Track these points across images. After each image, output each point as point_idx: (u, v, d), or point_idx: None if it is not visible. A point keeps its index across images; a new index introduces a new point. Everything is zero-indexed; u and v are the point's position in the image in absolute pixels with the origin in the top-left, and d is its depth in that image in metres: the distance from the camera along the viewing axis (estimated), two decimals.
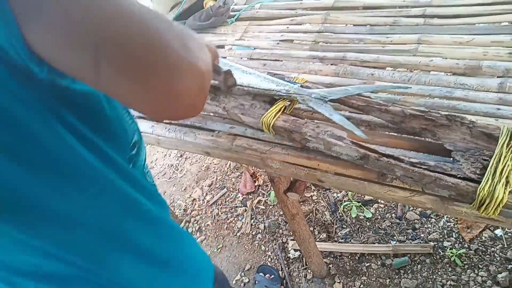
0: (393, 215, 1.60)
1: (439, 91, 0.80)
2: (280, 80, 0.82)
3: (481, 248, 1.38)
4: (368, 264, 1.48)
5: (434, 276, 1.36)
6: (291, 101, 0.81)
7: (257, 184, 2.02)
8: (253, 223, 1.83)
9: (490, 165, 0.58)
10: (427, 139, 0.69)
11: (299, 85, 0.80)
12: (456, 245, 1.42)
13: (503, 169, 0.57)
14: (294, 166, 0.78)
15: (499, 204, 0.55)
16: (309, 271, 1.53)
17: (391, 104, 0.71)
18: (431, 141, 0.69)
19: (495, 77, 0.81)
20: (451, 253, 1.38)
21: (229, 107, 0.84)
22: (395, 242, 1.50)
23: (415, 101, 0.80)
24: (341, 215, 1.69)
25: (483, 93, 0.78)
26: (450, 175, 0.60)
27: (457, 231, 1.46)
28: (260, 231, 1.78)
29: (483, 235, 1.42)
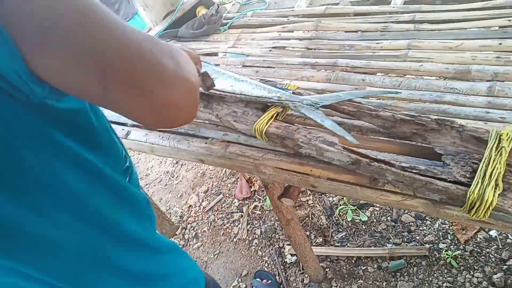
0: (389, 218, 1.61)
1: (429, 96, 0.81)
2: (272, 87, 0.82)
3: (476, 249, 1.39)
4: (364, 267, 1.48)
5: (430, 278, 1.37)
6: (283, 107, 0.82)
7: (253, 189, 2.02)
8: (249, 229, 1.83)
9: (479, 168, 0.59)
10: (418, 143, 0.70)
11: (291, 91, 0.81)
12: (451, 246, 1.43)
13: (492, 172, 0.58)
14: (287, 172, 0.78)
15: (489, 207, 0.56)
16: (306, 275, 1.53)
17: (381, 109, 0.72)
18: (422, 145, 0.69)
19: (484, 81, 0.82)
20: (447, 254, 1.39)
21: (222, 115, 0.85)
22: (391, 245, 1.51)
23: (405, 106, 0.81)
24: (337, 219, 1.69)
25: (473, 97, 0.79)
26: (440, 179, 0.60)
27: (452, 232, 1.47)
28: (256, 236, 1.78)
29: (478, 236, 1.43)
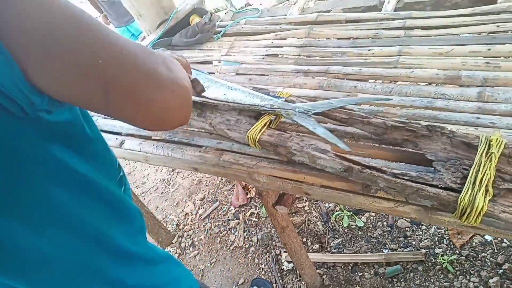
0: (385, 223, 1.61)
1: (420, 102, 0.82)
2: (264, 95, 0.83)
3: (472, 253, 1.39)
4: (361, 273, 1.47)
5: (427, 283, 1.36)
6: (276, 115, 0.82)
7: (249, 196, 2.01)
8: (246, 236, 1.82)
9: (470, 174, 0.59)
10: (410, 149, 0.70)
11: (284, 99, 0.81)
12: (447, 251, 1.43)
13: (483, 178, 0.58)
14: (281, 179, 0.79)
15: (479, 213, 0.56)
16: (303, 282, 1.53)
17: (373, 116, 0.72)
18: (413, 152, 0.70)
19: (474, 87, 0.83)
20: (443, 259, 1.39)
21: (215, 123, 0.85)
22: (387, 250, 1.50)
23: (397, 112, 0.81)
24: (333, 225, 1.69)
25: (463, 102, 0.80)
26: (431, 185, 0.61)
27: (448, 237, 1.47)
28: (253, 243, 1.78)
29: (474, 240, 1.43)
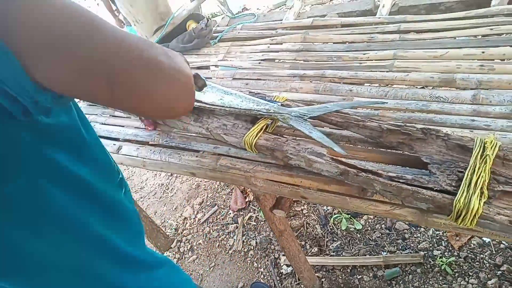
0: (383, 225, 1.61)
1: (415, 105, 0.82)
2: (260, 99, 0.83)
3: (470, 255, 1.39)
4: (360, 276, 1.47)
5: (425, 285, 1.36)
6: (272, 119, 0.82)
7: (248, 200, 2.01)
8: (245, 240, 1.82)
9: (465, 177, 0.59)
10: (405, 152, 0.70)
11: (279, 103, 0.82)
12: (445, 253, 1.43)
13: (478, 180, 0.58)
14: (277, 183, 0.79)
15: (475, 215, 0.56)
16: (302, 286, 1.52)
17: (368, 119, 0.72)
18: (409, 155, 0.70)
19: (469, 89, 0.83)
20: (441, 261, 1.39)
21: (212, 128, 0.85)
22: (385, 253, 1.51)
23: (392, 115, 0.81)
24: (331, 228, 1.69)
25: (458, 105, 0.80)
26: (427, 188, 0.61)
27: (446, 239, 1.47)
28: (252, 247, 1.77)
29: (472, 242, 1.43)
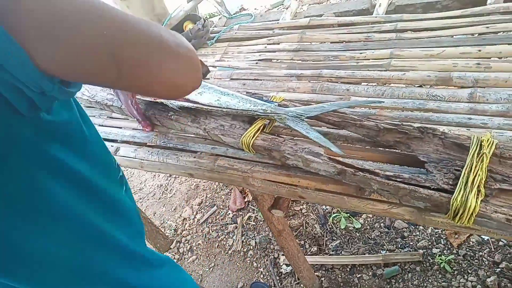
0: (382, 224, 1.61)
1: (412, 104, 0.82)
2: (257, 100, 0.83)
3: (469, 253, 1.40)
4: (359, 275, 1.48)
5: (425, 283, 1.37)
6: (270, 119, 0.82)
7: (247, 200, 2.01)
8: (244, 240, 1.82)
9: (462, 175, 0.59)
10: (402, 151, 0.71)
11: (277, 104, 0.82)
12: (444, 251, 1.43)
13: (474, 178, 0.58)
14: (275, 183, 0.79)
15: (472, 213, 0.57)
16: (302, 285, 1.53)
17: (365, 119, 0.72)
18: (406, 153, 0.70)
19: (465, 88, 0.84)
20: (440, 259, 1.39)
21: (209, 128, 0.85)
22: (385, 251, 1.51)
23: (389, 114, 0.82)
24: (331, 227, 1.69)
25: (455, 103, 0.81)
26: (424, 187, 0.61)
27: (445, 237, 1.48)
28: (251, 247, 1.78)
29: (471, 240, 1.43)
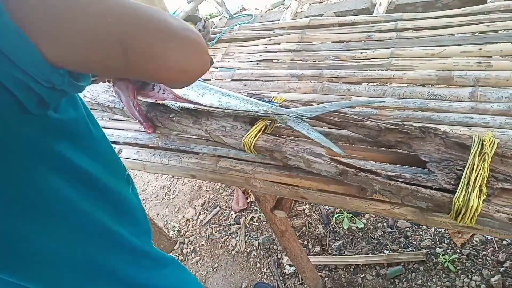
0: (385, 224, 1.61)
1: (413, 103, 0.82)
2: (258, 101, 0.83)
3: (473, 252, 1.39)
4: (363, 275, 1.47)
5: (429, 283, 1.36)
6: (271, 120, 0.82)
7: (249, 200, 2.02)
8: (247, 241, 1.82)
9: (463, 175, 0.59)
10: (404, 151, 0.71)
11: (277, 104, 0.82)
12: (448, 250, 1.43)
13: (476, 178, 0.58)
14: (277, 184, 0.79)
15: (474, 213, 0.56)
16: (305, 286, 1.53)
17: (366, 119, 0.72)
18: (408, 153, 0.70)
19: (466, 87, 0.83)
20: (444, 259, 1.39)
21: (211, 130, 0.85)
22: (388, 251, 1.50)
23: (390, 114, 0.81)
24: (333, 227, 1.69)
25: (456, 103, 0.80)
26: (426, 187, 0.61)
27: (448, 236, 1.47)
28: (254, 248, 1.78)
29: (474, 239, 1.43)
